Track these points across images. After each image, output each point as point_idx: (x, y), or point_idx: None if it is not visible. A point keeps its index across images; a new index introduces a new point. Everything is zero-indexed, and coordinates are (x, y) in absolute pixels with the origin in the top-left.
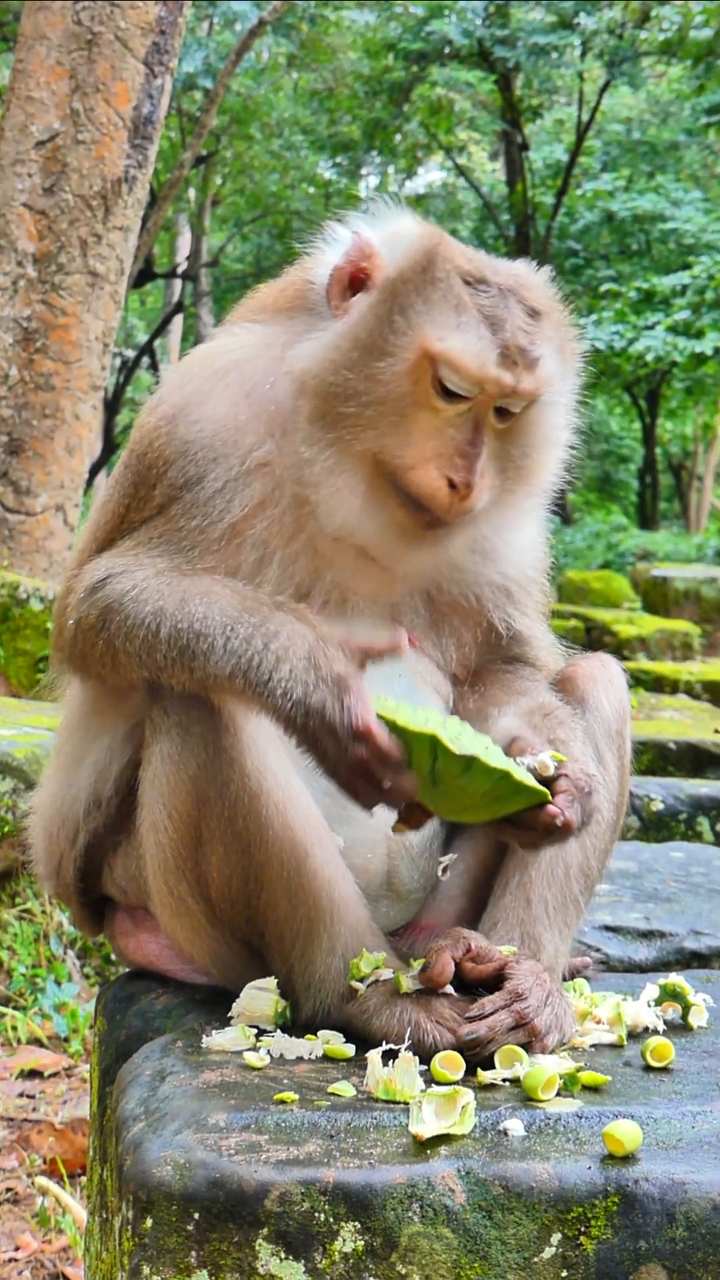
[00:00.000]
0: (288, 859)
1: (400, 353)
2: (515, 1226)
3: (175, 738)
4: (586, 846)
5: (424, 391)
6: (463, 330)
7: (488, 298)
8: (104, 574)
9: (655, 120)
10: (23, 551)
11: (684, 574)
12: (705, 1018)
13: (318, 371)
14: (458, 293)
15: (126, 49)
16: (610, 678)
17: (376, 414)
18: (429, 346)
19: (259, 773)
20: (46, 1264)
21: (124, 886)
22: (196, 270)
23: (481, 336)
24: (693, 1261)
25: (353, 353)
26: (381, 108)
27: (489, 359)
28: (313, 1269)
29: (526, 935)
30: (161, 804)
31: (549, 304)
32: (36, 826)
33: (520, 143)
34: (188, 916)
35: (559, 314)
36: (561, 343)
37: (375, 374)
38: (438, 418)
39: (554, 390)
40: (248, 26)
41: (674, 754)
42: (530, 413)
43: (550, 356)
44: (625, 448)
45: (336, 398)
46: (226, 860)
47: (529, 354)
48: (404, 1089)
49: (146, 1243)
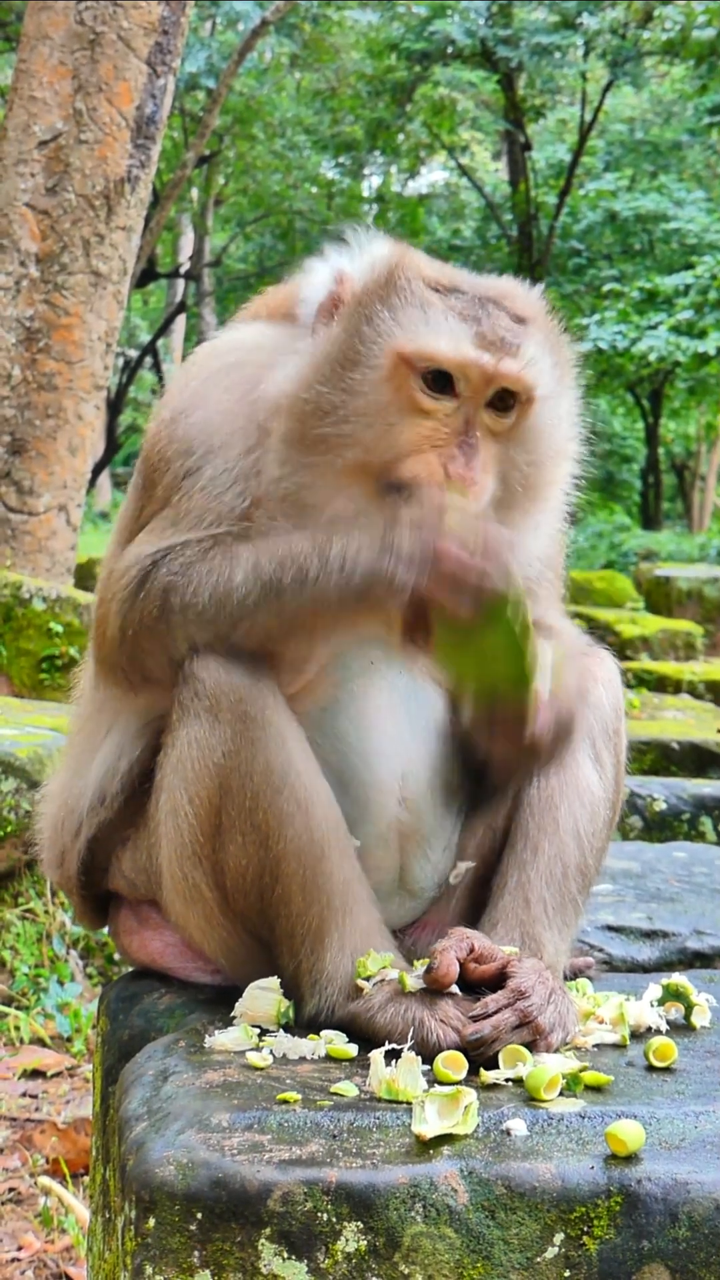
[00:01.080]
0: (305, 856)
1: (373, 360)
2: (518, 1226)
3: (204, 721)
4: (584, 845)
5: (407, 396)
6: (432, 325)
7: (460, 301)
8: (149, 562)
9: (658, 120)
10: (25, 551)
11: (687, 574)
12: (708, 1018)
13: (291, 390)
14: (423, 296)
15: (129, 49)
16: (608, 675)
17: (358, 427)
18: (400, 349)
19: (285, 767)
20: (49, 1264)
21: (133, 879)
22: (199, 270)
23: (454, 326)
24: (695, 1261)
25: (325, 368)
26: (384, 107)
27: (464, 341)
28: (315, 1269)
29: (526, 935)
30: (184, 788)
31: (535, 312)
32: (44, 816)
33: (523, 142)
34: (201, 904)
35: (548, 323)
36: (555, 351)
37: (351, 386)
38: (428, 419)
39: (549, 390)
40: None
41: (677, 754)
42: (529, 416)
43: (540, 358)
44: (628, 448)
45: (313, 416)
46: (244, 850)
47: (509, 341)
48: (407, 1089)
49: (149, 1242)
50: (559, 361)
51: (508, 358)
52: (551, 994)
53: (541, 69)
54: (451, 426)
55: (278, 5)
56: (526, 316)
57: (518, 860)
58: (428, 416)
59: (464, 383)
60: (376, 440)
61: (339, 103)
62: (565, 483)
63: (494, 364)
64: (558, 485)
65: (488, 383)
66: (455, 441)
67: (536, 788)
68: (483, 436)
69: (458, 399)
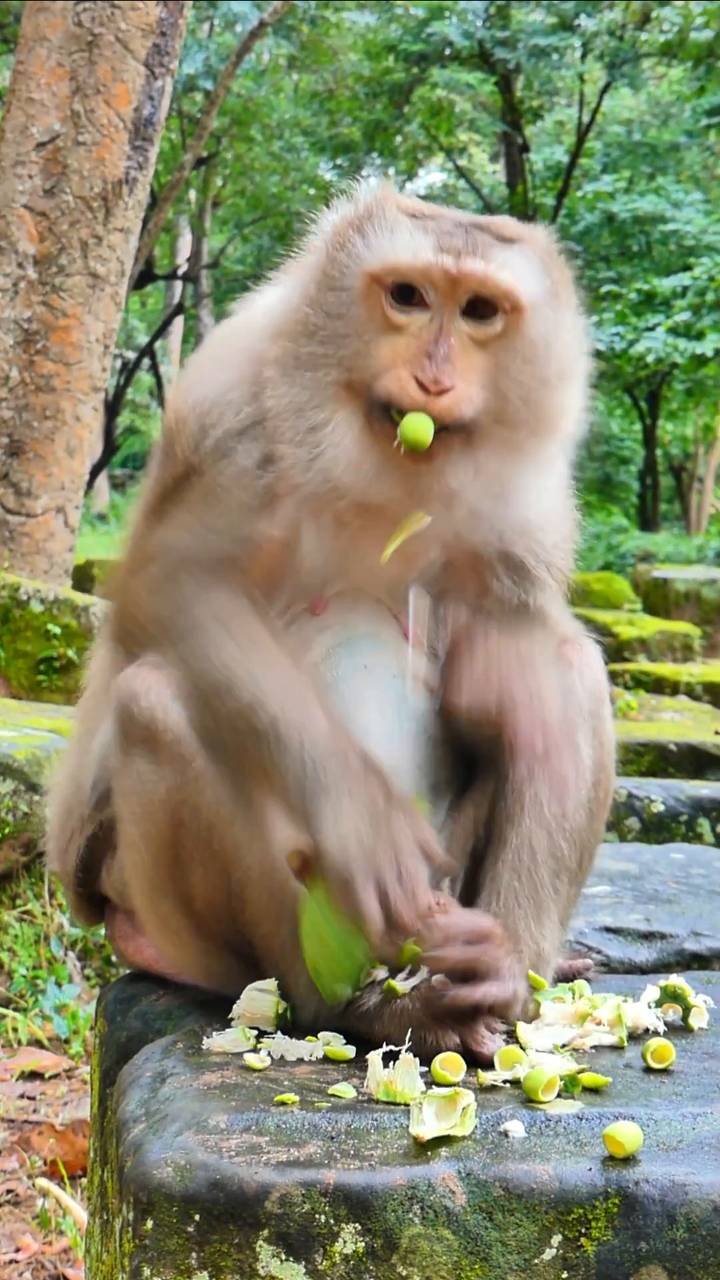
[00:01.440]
0: (267, 882)
1: (347, 283)
2: (516, 1228)
3: (144, 758)
4: (550, 828)
5: (381, 314)
6: (396, 241)
7: (434, 223)
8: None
9: (656, 122)
10: (23, 553)
11: (684, 575)
12: (706, 1019)
13: (281, 311)
14: (395, 220)
15: (127, 50)
16: (586, 660)
17: (339, 347)
18: (369, 269)
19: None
20: (47, 1265)
21: (119, 889)
22: (197, 272)
23: (418, 239)
24: (693, 1263)
25: (310, 291)
26: (382, 109)
27: (425, 250)
28: (313, 1270)
29: (506, 931)
30: (136, 824)
31: (524, 235)
32: (51, 805)
33: (521, 144)
34: (173, 934)
35: (541, 243)
36: (547, 267)
37: (330, 309)
38: (402, 334)
39: (535, 299)
40: (248, 28)
41: (674, 755)
42: (520, 327)
43: (516, 265)
44: (626, 449)
45: (301, 336)
46: (209, 879)
47: (475, 245)
48: (404, 1090)
49: (147, 1244)
50: (552, 277)
51: (471, 258)
52: (506, 961)
53: (539, 71)
54: (424, 339)
55: (275, 7)
56: (508, 235)
57: (491, 854)
58: (401, 333)
59: (430, 291)
60: (355, 359)
61: (337, 104)
62: (575, 412)
63: (455, 264)
64: (566, 412)
65: (452, 286)
66: (426, 350)
67: (508, 781)
68: (462, 346)
69: (429, 310)
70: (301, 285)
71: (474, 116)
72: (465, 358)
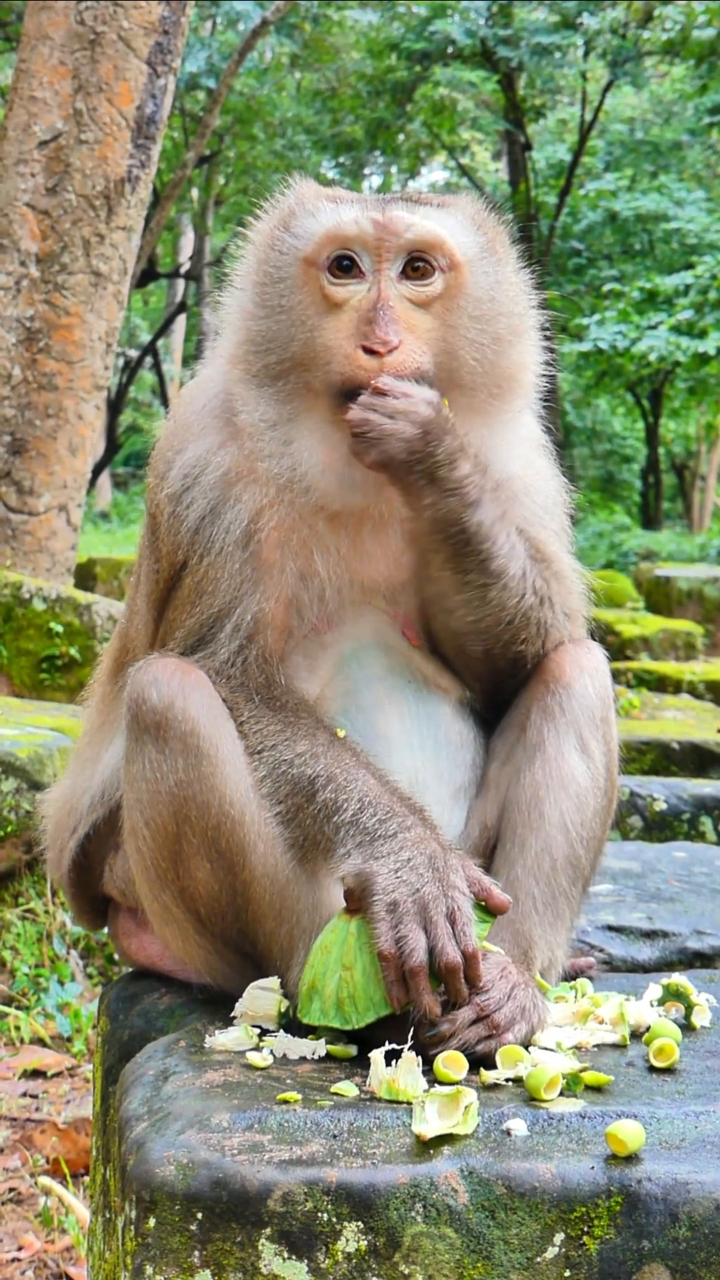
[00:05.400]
0: (271, 882)
1: (283, 275)
2: (518, 1226)
3: (151, 746)
4: (572, 837)
5: (320, 295)
6: (321, 217)
7: (355, 197)
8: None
9: (658, 120)
10: (26, 551)
11: (687, 574)
12: (708, 1018)
13: (230, 333)
14: (316, 205)
15: (129, 49)
16: (595, 664)
17: (289, 343)
18: (302, 253)
19: (243, 800)
20: (50, 1264)
21: (122, 888)
22: (199, 270)
23: (340, 210)
24: (695, 1261)
25: (251, 302)
26: (384, 107)
27: (345, 216)
28: (315, 1269)
29: (516, 933)
30: (140, 811)
31: (446, 199)
32: (50, 814)
33: (523, 142)
34: (175, 925)
35: (465, 204)
36: (477, 224)
37: (273, 308)
38: (344, 310)
39: (471, 253)
40: (251, 26)
41: (677, 754)
42: (460, 284)
43: (444, 220)
44: (628, 448)
45: (256, 350)
46: (213, 876)
47: (397, 202)
48: (407, 1089)
49: (149, 1242)
50: (486, 234)
51: (395, 212)
52: (513, 989)
53: (542, 69)
54: (364, 308)
55: (278, 5)
56: (435, 201)
57: (506, 858)
58: (342, 309)
59: (364, 256)
60: (305, 351)
61: (339, 103)
62: (533, 366)
63: (381, 219)
64: (525, 368)
65: (380, 243)
66: (365, 317)
67: (522, 783)
68: (403, 307)
69: (365, 278)
70: (242, 301)
71: (476, 115)
72: (409, 316)
